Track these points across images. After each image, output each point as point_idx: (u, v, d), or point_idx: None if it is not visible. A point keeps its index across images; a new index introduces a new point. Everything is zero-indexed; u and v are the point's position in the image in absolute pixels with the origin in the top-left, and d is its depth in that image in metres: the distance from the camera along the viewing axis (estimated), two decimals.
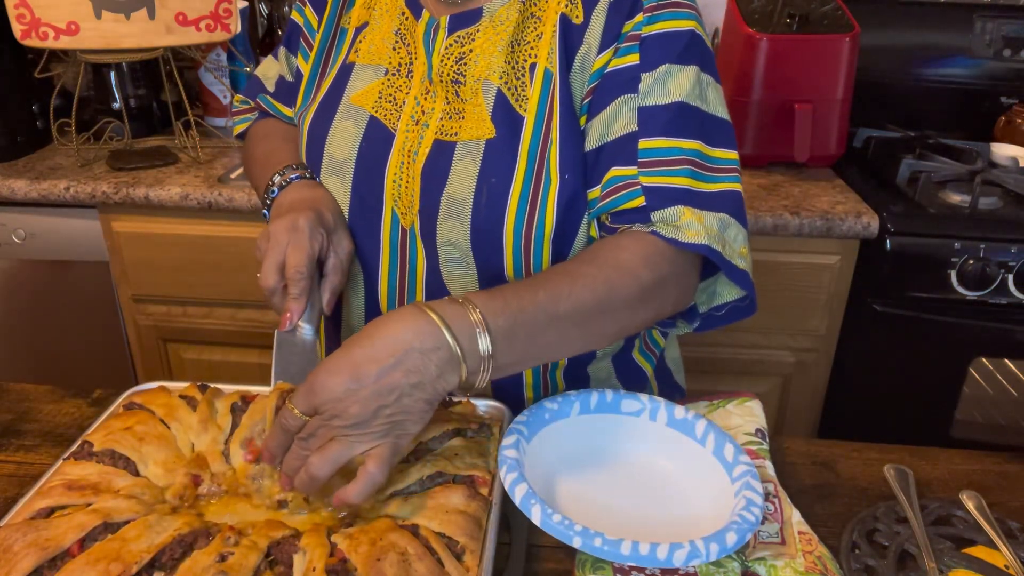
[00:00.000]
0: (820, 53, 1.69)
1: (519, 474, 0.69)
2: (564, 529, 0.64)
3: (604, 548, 0.62)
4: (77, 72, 1.82)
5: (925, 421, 1.68)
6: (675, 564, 0.62)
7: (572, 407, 0.81)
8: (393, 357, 0.64)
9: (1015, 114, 1.88)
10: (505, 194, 0.82)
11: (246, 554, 0.63)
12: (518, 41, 0.85)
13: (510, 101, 0.84)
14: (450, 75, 0.86)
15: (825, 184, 1.71)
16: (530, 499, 0.66)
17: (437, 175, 0.85)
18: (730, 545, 0.64)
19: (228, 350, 1.79)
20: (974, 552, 0.70)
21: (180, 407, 0.80)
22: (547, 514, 0.65)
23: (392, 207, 0.89)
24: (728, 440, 0.76)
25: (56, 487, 0.70)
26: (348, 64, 0.93)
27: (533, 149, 0.82)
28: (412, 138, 0.87)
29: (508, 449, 0.73)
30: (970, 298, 1.54)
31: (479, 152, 0.83)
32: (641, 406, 0.81)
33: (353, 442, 0.65)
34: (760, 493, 0.70)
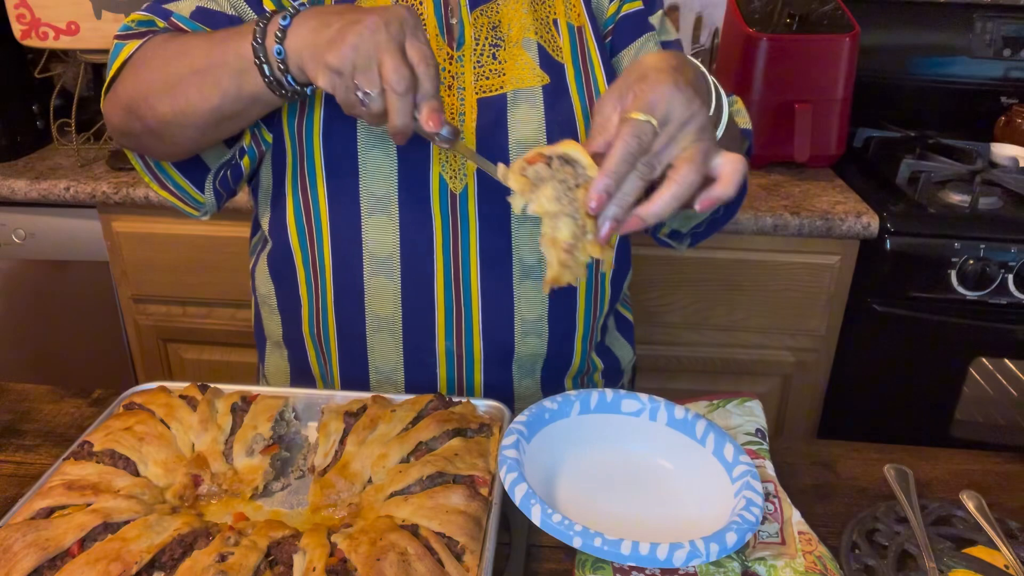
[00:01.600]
0: (820, 53, 1.69)
1: (519, 474, 0.69)
2: (564, 529, 0.64)
3: (604, 548, 0.62)
4: (77, 72, 1.82)
5: (925, 421, 1.68)
6: (675, 564, 0.62)
7: (572, 407, 0.81)
8: (679, 59, 0.68)
9: (1015, 114, 1.88)
10: (575, 130, 0.90)
11: (246, 554, 0.63)
12: (535, 3, 0.93)
13: (549, 52, 0.92)
14: (488, 39, 0.90)
15: (825, 184, 1.71)
16: (530, 499, 0.66)
17: (497, 129, 0.88)
18: (730, 545, 0.64)
19: (228, 350, 1.79)
20: (974, 552, 0.70)
21: (180, 407, 0.80)
22: (547, 514, 0.65)
23: (439, 173, 0.89)
24: (728, 440, 0.76)
25: (56, 487, 0.70)
26: None
27: (580, 92, 0.92)
28: (450, 102, 0.88)
29: (508, 449, 0.73)
30: (970, 298, 1.54)
31: (537, 97, 0.90)
32: (641, 406, 0.81)
33: (709, 143, 0.63)
34: (760, 493, 0.70)
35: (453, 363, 0.94)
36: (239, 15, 0.86)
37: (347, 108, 0.69)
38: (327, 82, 0.67)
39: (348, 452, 0.76)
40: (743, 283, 1.63)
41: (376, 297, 0.92)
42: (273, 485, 0.76)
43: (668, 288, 1.65)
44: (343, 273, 0.93)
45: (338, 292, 0.94)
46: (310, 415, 0.85)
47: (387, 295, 0.92)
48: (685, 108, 0.63)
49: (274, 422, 0.79)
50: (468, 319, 0.92)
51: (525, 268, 0.92)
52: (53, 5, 1.61)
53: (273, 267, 0.98)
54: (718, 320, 1.67)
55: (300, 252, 0.94)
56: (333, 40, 0.67)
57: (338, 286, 0.94)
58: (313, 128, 0.88)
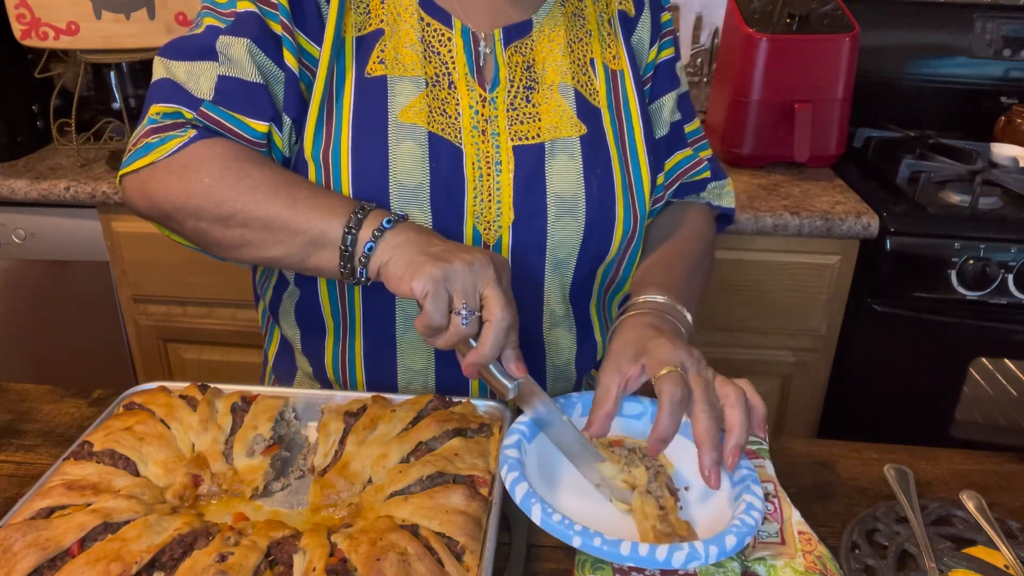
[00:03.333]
0: (820, 53, 1.69)
1: (520, 473, 0.69)
2: (564, 529, 0.64)
3: (603, 548, 0.62)
4: (77, 72, 1.82)
5: (925, 421, 1.68)
6: (674, 565, 0.62)
7: (574, 408, 0.81)
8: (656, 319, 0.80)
9: (1015, 114, 1.88)
10: (611, 182, 0.89)
11: (246, 554, 0.63)
12: (572, 40, 0.91)
13: (585, 96, 0.90)
14: (523, 81, 0.88)
15: (825, 184, 1.71)
16: (530, 498, 0.66)
17: (533, 179, 0.86)
18: (729, 548, 0.64)
19: (228, 350, 1.79)
20: (974, 552, 0.70)
21: (180, 407, 0.80)
22: (547, 513, 0.65)
23: (473, 224, 0.85)
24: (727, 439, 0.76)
25: (56, 487, 0.70)
26: (374, 78, 0.84)
27: (616, 136, 0.91)
28: (484, 149, 0.85)
29: (509, 448, 0.73)
30: (970, 298, 1.54)
31: (575, 148, 0.87)
32: (643, 409, 0.81)
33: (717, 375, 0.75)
34: (760, 497, 0.70)
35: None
36: (265, 82, 0.82)
37: (429, 317, 0.68)
38: (422, 288, 0.68)
39: (348, 452, 0.76)
40: (743, 283, 1.63)
41: (409, 351, 0.91)
42: (273, 485, 0.76)
43: None
44: (375, 328, 0.91)
45: (368, 346, 0.92)
46: (310, 415, 0.85)
47: (420, 349, 0.91)
48: (688, 356, 0.73)
49: (274, 422, 0.79)
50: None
51: (555, 318, 0.92)
52: (53, 5, 1.61)
53: (300, 315, 0.95)
54: (718, 320, 1.67)
55: (329, 305, 0.91)
56: (440, 256, 0.69)
57: (369, 340, 0.92)
58: (342, 189, 0.82)
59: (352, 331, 0.92)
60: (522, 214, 0.85)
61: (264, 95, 0.81)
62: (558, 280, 0.90)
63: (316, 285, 0.92)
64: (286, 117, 0.83)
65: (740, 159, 1.77)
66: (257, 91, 0.81)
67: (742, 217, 1.53)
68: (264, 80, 0.82)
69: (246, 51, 0.80)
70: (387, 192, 0.82)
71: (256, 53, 0.81)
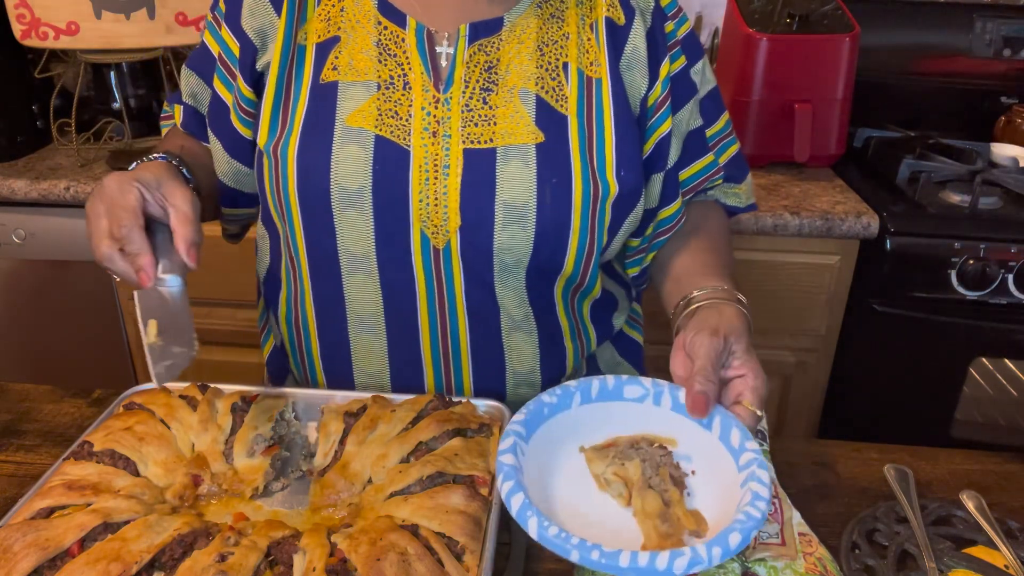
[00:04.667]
0: (820, 53, 1.69)
1: (516, 482, 0.68)
2: (560, 543, 0.62)
3: (602, 561, 0.61)
4: (77, 72, 1.82)
5: (925, 421, 1.68)
6: (676, 573, 0.61)
7: (572, 399, 0.78)
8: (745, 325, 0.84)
9: (1015, 114, 1.88)
10: (569, 192, 0.84)
11: (246, 554, 0.63)
12: (544, 43, 0.87)
13: (550, 103, 0.86)
14: (479, 83, 0.85)
15: (825, 184, 1.71)
16: (527, 510, 0.65)
17: (482, 185, 0.83)
18: (733, 547, 0.62)
19: (228, 350, 1.79)
20: (974, 552, 0.70)
21: (180, 407, 0.80)
22: (543, 527, 0.63)
23: (420, 228, 0.85)
24: (735, 424, 0.73)
25: (56, 487, 0.70)
26: (326, 83, 0.86)
27: (583, 145, 0.86)
28: (433, 151, 0.84)
29: (505, 455, 0.70)
30: (970, 298, 1.54)
31: (530, 155, 0.84)
32: (644, 391, 0.79)
33: None
34: (767, 483, 0.67)
35: None
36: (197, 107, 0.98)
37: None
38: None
39: (348, 452, 0.76)
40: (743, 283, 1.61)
41: (363, 355, 0.92)
42: (273, 485, 0.76)
43: None
44: (329, 331, 0.93)
45: (324, 349, 0.95)
46: (310, 415, 0.85)
47: (374, 353, 0.92)
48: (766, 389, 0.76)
49: (274, 422, 0.79)
50: (458, 375, 0.92)
51: (513, 321, 0.91)
52: (53, 5, 1.61)
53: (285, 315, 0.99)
54: None
55: (285, 308, 0.96)
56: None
57: (324, 344, 0.94)
58: (289, 188, 0.86)
59: (307, 334, 0.95)
60: (468, 219, 0.84)
61: (191, 111, 0.99)
62: (511, 285, 0.88)
63: (277, 293, 0.97)
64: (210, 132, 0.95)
65: None
66: (187, 107, 0.99)
67: (742, 217, 1.53)
68: (194, 100, 0.98)
69: (185, 75, 0.98)
70: (328, 194, 0.84)
71: (190, 76, 0.98)
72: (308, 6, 0.88)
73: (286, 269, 0.95)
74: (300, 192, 0.85)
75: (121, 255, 0.75)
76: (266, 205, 0.92)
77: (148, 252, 0.75)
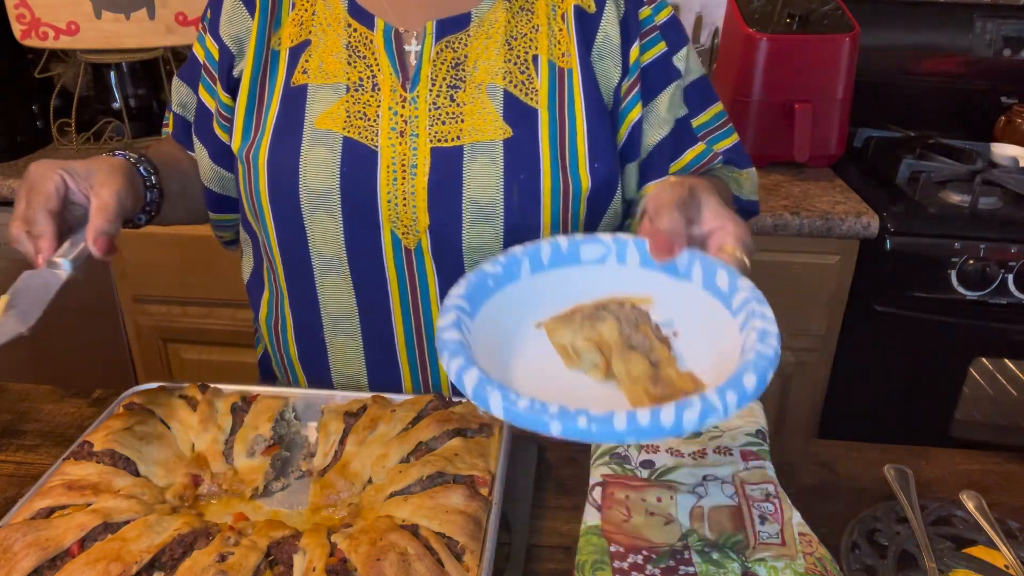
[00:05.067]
0: (820, 53, 1.69)
1: (465, 358, 0.55)
2: (536, 415, 0.50)
3: (592, 429, 0.48)
4: (77, 72, 1.82)
5: (925, 421, 1.68)
6: (686, 427, 0.48)
7: (520, 267, 0.66)
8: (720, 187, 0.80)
9: (1015, 114, 1.88)
10: (537, 189, 0.84)
11: (246, 554, 0.63)
12: (513, 37, 0.86)
13: (519, 98, 0.85)
14: (446, 80, 0.85)
15: (825, 184, 1.71)
16: (485, 386, 0.52)
17: (449, 183, 0.83)
18: (750, 390, 0.50)
19: (228, 350, 1.79)
20: (974, 552, 0.70)
21: (180, 407, 0.80)
22: (510, 401, 0.51)
23: (390, 229, 0.85)
24: (719, 266, 0.62)
25: (56, 487, 0.70)
26: (296, 87, 0.87)
27: (553, 139, 0.85)
28: (401, 151, 0.84)
29: (447, 331, 0.58)
30: (970, 298, 1.54)
31: (497, 152, 0.83)
32: (605, 249, 0.67)
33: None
34: (771, 319, 0.55)
35: None
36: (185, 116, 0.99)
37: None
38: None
39: (348, 452, 0.76)
40: None
41: (340, 356, 0.93)
42: (273, 485, 0.76)
43: None
44: (306, 333, 0.94)
45: (302, 352, 0.95)
46: (310, 415, 0.85)
47: (350, 354, 0.92)
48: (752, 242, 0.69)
49: (274, 422, 0.79)
50: (435, 375, 0.92)
51: None
52: (53, 5, 1.61)
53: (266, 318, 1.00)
54: None
55: (267, 310, 0.98)
56: None
57: (302, 346, 0.95)
58: (260, 192, 0.87)
59: (285, 337, 0.95)
60: (437, 218, 0.84)
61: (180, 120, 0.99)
62: None
63: (260, 297, 0.98)
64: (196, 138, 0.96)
65: None
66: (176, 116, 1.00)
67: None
68: (183, 108, 0.98)
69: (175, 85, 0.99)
70: (298, 196, 0.84)
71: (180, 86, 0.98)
72: (282, 11, 0.88)
73: (267, 272, 0.96)
74: (271, 195, 0.86)
75: (28, 236, 0.78)
76: (244, 210, 0.93)
77: (49, 235, 0.77)
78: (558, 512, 0.76)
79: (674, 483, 0.77)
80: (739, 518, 0.72)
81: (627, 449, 0.80)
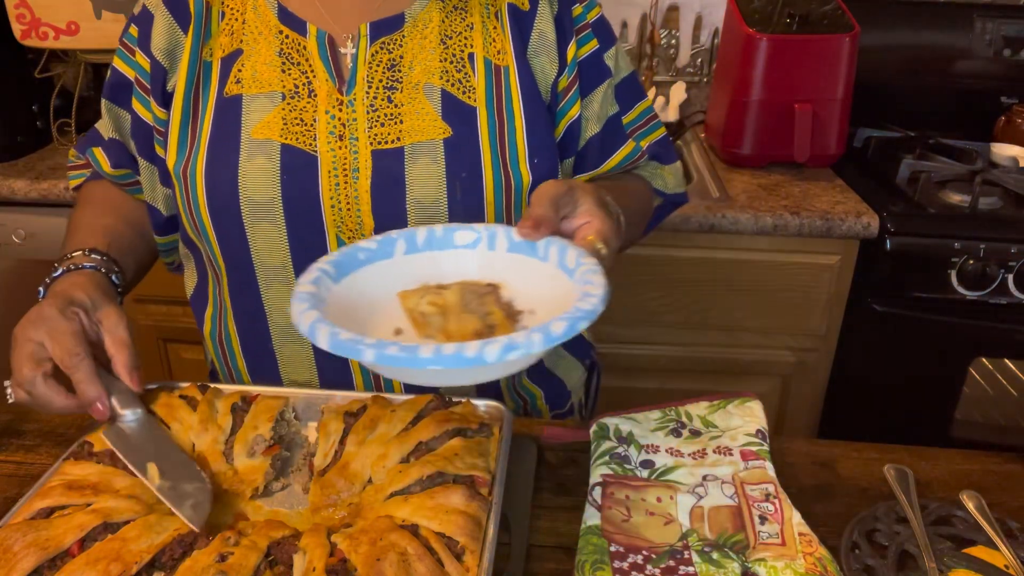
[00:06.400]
0: (820, 53, 1.69)
1: (309, 305, 0.60)
2: (352, 344, 0.54)
3: (401, 355, 0.52)
4: (77, 72, 1.82)
5: (925, 421, 1.68)
6: (488, 359, 0.52)
7: (395, 247, 0.71)
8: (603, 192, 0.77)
9: (1015, 114, 1.88)
10: (479, 185, 0.84)
11: (246, 554, 0.63)
12: (448, 36, 0.87)
13: (457, 96, 0.85)
14: (383, 82, 0.85)
15: (825, 184, 1.71)
16: (318, 324, 0.57)
17: (392, 185, 0.83)
18: (556, 334, 0.53)
19: None
20: (974, 552, 0.70)
21: (180, 407, 0.80)
22: (335, 334, 0.56)
23: (336, 234, 0.85)
24: (571, 247, 0.67)
25: (56, 487, 0.70)
26: (230, 98, 0.85)
27: (492, 136, 0.85)
28: (341, 155, 0.83)
29: (304, 285, 0.62)
30: (970, 298, 1.55)
31: (438, 151, 0.83)
32: (477, 235, 0.72)
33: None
34: (599, 283, 0.60)
35: None
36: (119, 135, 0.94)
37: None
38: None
39: (348, 452, 0.76)
40: (743, 283, 1.63)
41: (289, 364, 0.93)
42: (273, 485, 0.76)
43: (668, 288, 1.65)
44: (252, 344, 0.93)
45: (250, 363, 0.95)
46: (310, 415, 0.85)
47: (301, 361, 0.92)
48: (616, 239, 0.72)
49: (274, 422, 0.79)
50: (388, 380, 0.92)
51: None
52: (53, 5, 1.61)
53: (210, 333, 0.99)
54: (718, 320, 1.67)
55: (210, 324, 0.97)
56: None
57: (249, 357, 0.94)
58: (200, 206, 0.86)
59: (231, 350, 0.95)
60: (382, 221, 0.83)
61: (118, 146, 0.94)
62: None
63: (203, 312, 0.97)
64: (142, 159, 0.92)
65: (740, 159, 1.77)
66: (113, 143, 0.94)
67: (742, 217, 1.53)
68: (119, 133, 0.94)
69: (105, 109, 0.94)
70: (239, 208, 0.84)
71: (111, 108, 0.93)
72: (212, 22, 0.87)
73: (212, 286, 0.95)
74: (211, 209, 0.85)
75: (43, 380, 0.73)
76: (184, 225, 0.92)
77: (99, 382, 0.73)
78: (558, 512, 0.76)
79: (674, 483, 0.77)
80: (739, 518, 0.72)
81: (627, 449, 0.80)
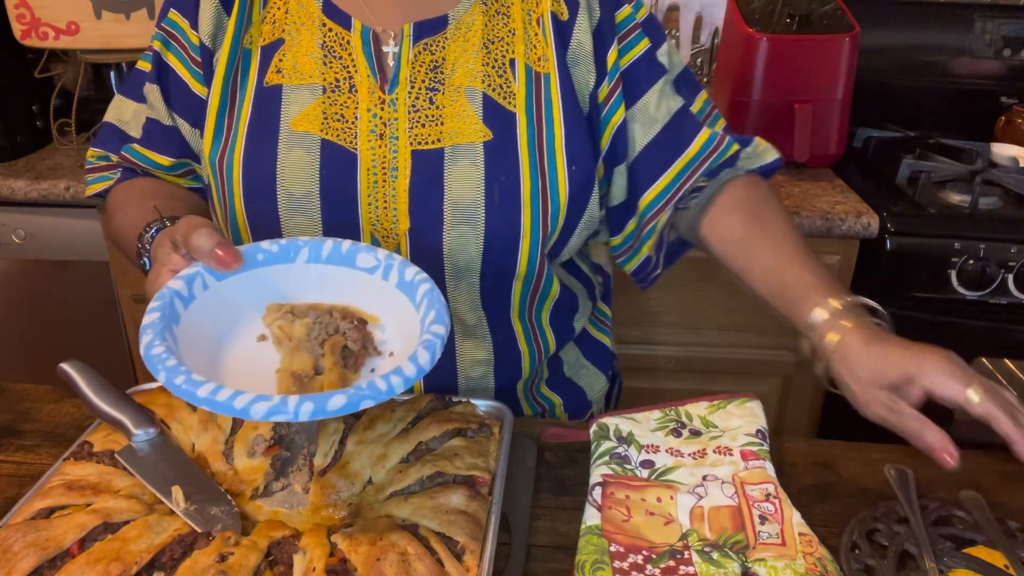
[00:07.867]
0: (820, 53, 1.69)
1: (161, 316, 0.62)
2: (152, 361, 0.58)
3: (183, 387, 0.55)
4: (77, 72, 1.82)
5: None
6: (253, 416, 0.54)
7: (298, 253, 0.72)
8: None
9: (1015, 114, 1.88)
10: (517, 190, 0.83)
11: (246, 554, 0.63)
12: (490, 40, 0.86)
13: (498, 101, 0.85)
14: (425, 82, 0.84)
15: (825, 184, 1.71)
16: (154, 340, 0.59)
17: (431, 186, 0.83)
18: (331, 408, 0.54)
19: None
20: (974, 552, 0.70)
21: (180, 407, 0.80)
22: (150, 346, 0.59)
23: (370, 232, 0.84)
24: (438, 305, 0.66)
25: (56, 487, 0.70)
26: (270, 87, 0.85)
27: (531, 142, 0.85)
28: (381, 154, 0.83)
29: (175, 281, 0.65)
30: (970, 298, 1.54)
31: (477, 154, 0.83)
32: (376, 263, 0.72)
33: None
34: (417, 362, 0.60)
35: None
36: (175, 125, 0.91)
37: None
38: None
39: (348, 452, 0.76)
40: None
41: None
42: (273, 485, 0.76)
43: (668, 288, 1.65)
44: None
45: None
46: None
47: None
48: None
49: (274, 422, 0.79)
50: None
51: (466, 328, 0.90)
52: (53, 5, 1.61)
53: None
54: (718, 320, 1.67)
55: None
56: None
57: None
58: (235, 196, 0.85)
59: None
60: (418, 222, 0.83)
61: (176, 135, 0.92)
62: (464, 290, 0.87)
63: None
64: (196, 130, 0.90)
65: None
66: (171, 132, 0.92)
67: None
68: (174, 121, 0.91)
69: (159, 97, 0.91)
70: (275, 201, 0.83)
71: (151, 90, 0.91)
72: (254, 10, 0.87)
73: None
74: (246, 199, 0.84)
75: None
76: (214, 214, 0.91)
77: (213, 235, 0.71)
78: (558, 512, 0.76)
79: (674, 483, 0.77)
80: (739, 518, 0.72)
81: (627, 449, 0.80)
